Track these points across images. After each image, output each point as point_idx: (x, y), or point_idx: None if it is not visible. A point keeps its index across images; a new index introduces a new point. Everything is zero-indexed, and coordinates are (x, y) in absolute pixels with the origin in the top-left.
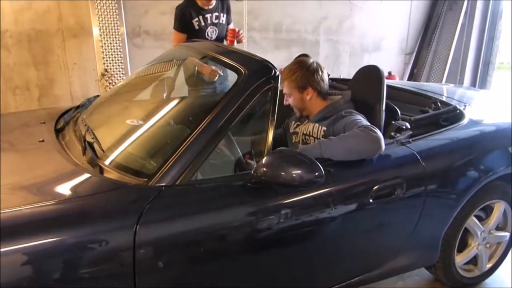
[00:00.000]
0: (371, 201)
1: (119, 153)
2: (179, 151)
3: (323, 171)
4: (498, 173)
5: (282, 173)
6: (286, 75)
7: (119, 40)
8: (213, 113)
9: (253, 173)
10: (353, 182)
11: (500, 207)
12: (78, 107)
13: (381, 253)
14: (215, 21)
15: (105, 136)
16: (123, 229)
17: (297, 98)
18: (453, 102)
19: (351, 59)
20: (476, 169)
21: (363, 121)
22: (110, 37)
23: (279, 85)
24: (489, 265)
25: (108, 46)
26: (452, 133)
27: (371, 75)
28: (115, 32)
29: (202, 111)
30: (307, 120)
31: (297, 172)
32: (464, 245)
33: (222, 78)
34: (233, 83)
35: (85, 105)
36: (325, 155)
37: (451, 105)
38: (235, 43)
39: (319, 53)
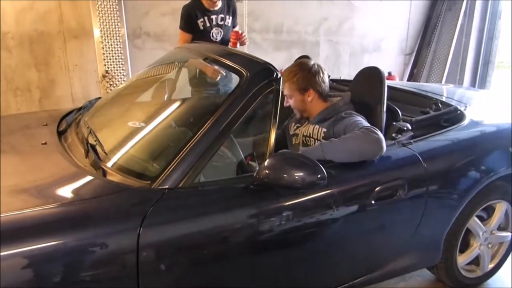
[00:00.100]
0: (373, 202)
1: (121, 155)
2: (181, 153)
3: (325, 173)
4: (499, 174)
5: (284, 175)
6: (287, 76)
7: (119, 41)
8: (216, 116)
9: (255, 175)
10: (355, 183)
11: (501, 207)
12: (80, 109)
13: (383, 254)
14: (220, 23)
15: (108, 138)
16: (127, 231)
17: (298, 99)
18: (453, 102)
19: (351, 59)
20: (477, 169)
21: (364, 122)
22: (111, 39)
23: (281, 88)
24: (491, 265)
25: (109, 47)
26: (453, 134)
27: (372, 76)
28: (116, 33)
29: (204, 114)
30: (307, 121)
31: (299, 174)
32: (466, 246)
33: (226, 80)
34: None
35: (87, 107)
36: (327, 157)
37: (451, 105)
38: (238, 45)
39: (319, 54)
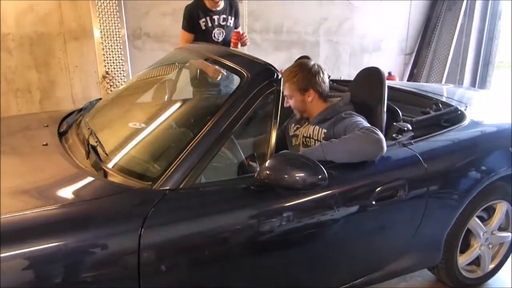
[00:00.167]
0: (374, 203)
1: (122, 156)
2: (182, 154)
3: (326, 173)
4: (499, 174)
5: (285, 176)
6: (287, 77)
7: (120, 42)
8: (216, 117)
9: (256, 176)
10: (356, 184)
11: (502, 207)
12: (80, 110)
13: (384, 254)
14: (222, 23)
15: (109, 139)
16: (128, 233)
17: (298, 100)
18: (453, 102)
19: (351, 59)
20: (477, 170)
21: (364, 122)
22: (111, 40)
23: (282, 88)
24: (492, 266)
25: (109, 48)
26: (453, 134)
27: (373, 76)
28: (116, 34)
29: (205, 114)
30: (307, 122)
31: (300, 175)
32: (466, 246)
33: (227, 80)
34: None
35: (88, 108)
36: (328, 158)
37: (452, 106)
38: (239, 45)
39: (319, 54)
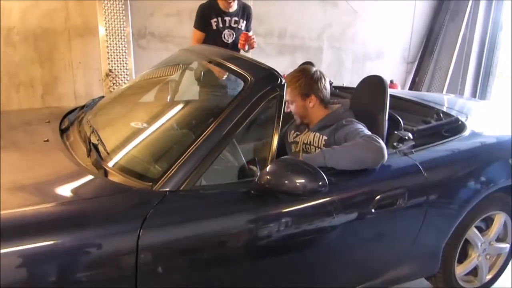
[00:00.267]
0: (373, 210)
1: (124, 156)
2: (184, 156)
3: (326, 180)
4: (498, 185)
5: (285, 182)
6: (290, 81)
7: (124, 41)
8: (219, 120)
9: (256, 180)
10: (355, 191)
11: (500, 218)
12: (82, 107)
13: (382, 262)
14: (234, 25)
15: (110, 138)
16: (127, 233)
17: (299, 105)
18: (454, 112)
19: (353, 66)
20: (477, 180)
21: (365, 130)
22: (115, 38)
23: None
24: (489, 277)
25: (113, 46)
26: (454, 144)
27: (375, 85)
28: (121, 32)
29: (207, 117)
30: (307, 129)
31: (300, 181)
32: (464, 256)
33: (234, 83)
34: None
35: (90, 105)
36: (328, 164)
37: (453, 116)
38: (246, 47)
39: (322, 59)
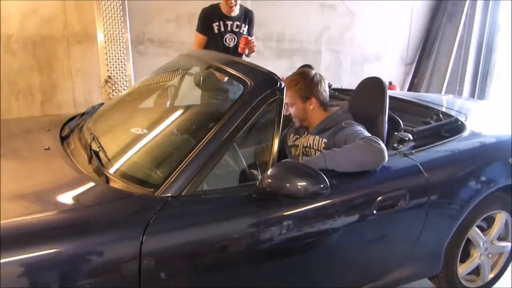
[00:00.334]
0: (375, 212)
1: (125, 162)
2: (185, 161)
3: (328, 183)
4: (499, 184)
5: (287, 185)
6: (289, 84)
7: (123, 47)
8: (219, 124)
9: (258, 184)
10: (357, 193)
11: (501, 217)
12: (82, 115)
13: (384, 263)
14: (235, 30)
15: (111, 144)
16: (129, 239)
17: (299, 108)
18: (453, 113)
19: (352, 68)
20: (477, 180)
21: (364, 132)
22: (114, 44)
23: (285, 97)
24: (491, 276)
25: (112, 53)
26: (454, 145)
27: (374, 86)
28: (119, 39)
29: (208, 122)
30: (306, 132)
31: (302, 183)
32: (466, 256)
33: (236, 88)
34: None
35: (90, 112)
36: (329, 167)
37: (452, 116)
38: (247, 51)
39: (320, 62)
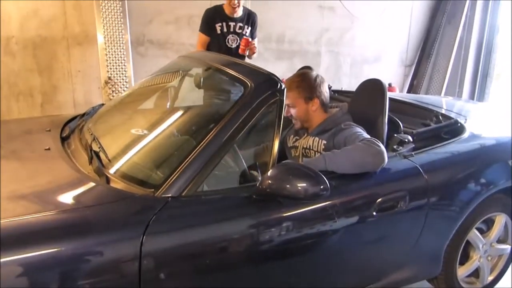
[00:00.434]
0: (374, 213)
1: (125, 163)
2: (185, 162)
3: (328, 184)
4: (498, 186)
5: (287, 186)
6: (291, 85)
7: (123, 48)
8: (220, 125)
9: (258, 185)
10: (356, 195)
11: (501, 219)
12: (83, 115)
13: (384, 265)
14: (238, 31)
15: (111, 145)
16: (129, 240)
17: (302, 108)
18: (452, 115)
19: (351, 70)
20: (477, 182)
21: (364, 133)
22: (114, 45)
23: (285, 98)
24: (491, 278)
25: (112, 54)
26: (453, 147)
27: (374, 88)
28: (119, 40)
29: (208, 123)
30: (306, 133)
31: (302, 185)
32: (466, 258)
33: (234, 89)
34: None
35: (90, 113)
36: (329, 168)
37: (452, 118)
38: (247, 52)
39: (320, 64)
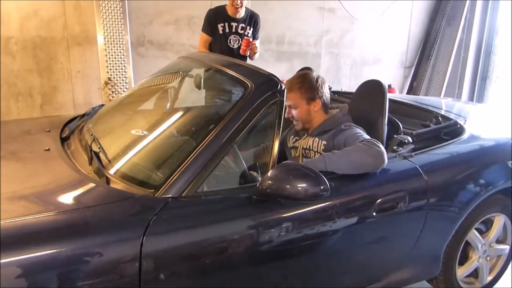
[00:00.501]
0: (374, 214)
1: (125, 163)
2: (185, 163)
3: (328, 184)
4: (498, 187)
5: (287, 186)
6: (293, 86)
7: (123, 49)
8: (220, 126)
9: (258, 185)
10: (356, 195)
11: (500, 220)
12: (83, 116)
13: (383, 265)
14: (240, 32)
15: (111, 146)
16: (129, 240)
17: (303, 109)
18: (452, 116)
19: (351, 71)
20: (476, 183)
21: (364, 134)
22: (114, 46)
23: (285, 99)
24: (490, 278)
25: (112, 55)
26: (453, 148)
27: (374, 89)
28: (119, 41)
29: (208, 123)
30: (306, 134)
31: (302, 185)
32: (465, 258)
33: (237, 89)
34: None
35: (90, 114)
36: (329, 169)
37: (451, 119)
38: (248, 52)
39: (320, 65)
